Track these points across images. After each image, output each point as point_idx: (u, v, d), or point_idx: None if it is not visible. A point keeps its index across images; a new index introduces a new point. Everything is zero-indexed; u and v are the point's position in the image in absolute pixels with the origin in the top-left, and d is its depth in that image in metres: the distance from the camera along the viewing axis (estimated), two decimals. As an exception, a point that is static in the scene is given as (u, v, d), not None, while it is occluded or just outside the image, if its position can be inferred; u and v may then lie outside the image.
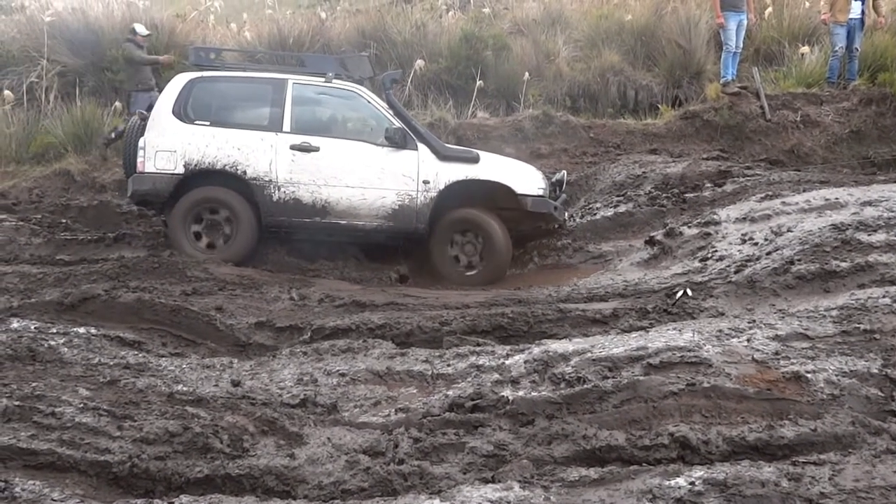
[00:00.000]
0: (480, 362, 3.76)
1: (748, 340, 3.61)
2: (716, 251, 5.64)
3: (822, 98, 9.84)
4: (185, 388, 3.53)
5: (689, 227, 6.39)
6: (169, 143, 6.31)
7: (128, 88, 9.47)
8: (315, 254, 6.41)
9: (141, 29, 9.80)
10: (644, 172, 8.22)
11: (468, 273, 6.41)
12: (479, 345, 4.18)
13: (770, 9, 11.63)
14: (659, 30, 11.32)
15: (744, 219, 6.17)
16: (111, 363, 3.86)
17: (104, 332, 4.30)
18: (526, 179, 6.50)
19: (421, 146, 6.40)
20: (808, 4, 11.18)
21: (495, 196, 6.42)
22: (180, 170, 6.29)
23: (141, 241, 6.71)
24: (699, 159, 8.63)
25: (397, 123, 6.42)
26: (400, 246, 6.64)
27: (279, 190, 6.31)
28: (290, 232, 6.41)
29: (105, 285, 5.10)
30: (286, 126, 6.40)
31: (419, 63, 10.29)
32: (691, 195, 7.45)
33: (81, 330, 4.29)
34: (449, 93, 10.31)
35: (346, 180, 6.32)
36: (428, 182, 6.34)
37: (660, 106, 10.44)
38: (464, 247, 6.45)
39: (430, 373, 3.76)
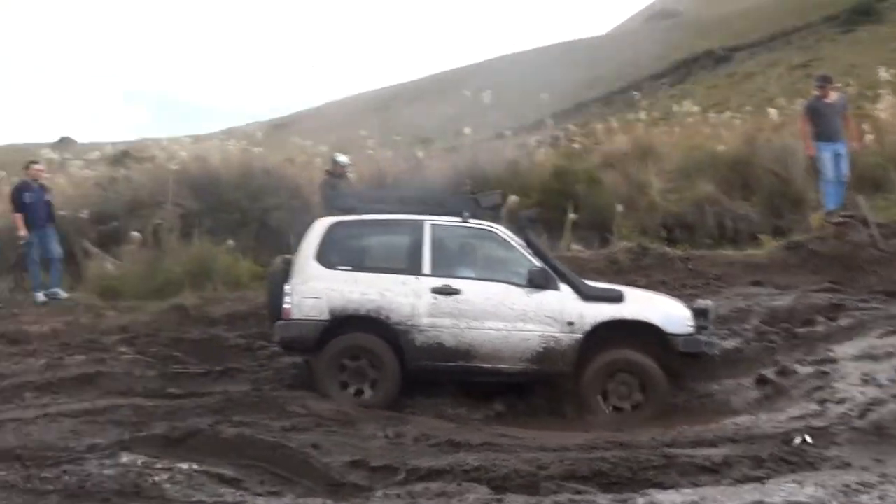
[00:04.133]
0: (581, 513, 3.57)
1: (880, 498, 3.31)
2: (835, 392, 5.28)
3: (938, 224, 9.36)
4: (280, 532, 3.50)
5: (804, 364, 6.04)
6: (314, 290, 6.32)
7: None
8: (410, 390, 6.40)
9: (343, 159, 9.49)
10: (749, 305, 7.87)
11: (633, 412, 6.12)
12: (578, 492, 3.97)
13: (870, 135, 11.42)
14: (754, 159, 11.28)
15: (864, 356, 5.80)
16: (210, 501, 3.91)
17: (206, 469, 4.38)
18: (674, 317, 6.27)
19: (563, 286, 6.30)
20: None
21: (643, 335, 6.21)
22: (326, 316, 6.28)
23: (245, 375, 6.93)
24: (808, 291, 8.20)
25: (538, 263, 6.36)
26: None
27: (422, 334, 6.27)
28: (435, 376, 6.32)
29: (209, 420, 5.25)
30: (426, 268, 6.38)
31: (513, 198, 10.57)
32: (802, 330, 7.03)
33: (184, 466, 4.38)
34: (542, 226, 10.47)
35: (488, 323, 6.24)
36: (573, 323, 6.20)
37: (760, 236, 10.19)
38: (618, 387, 6.19)
39: (527, 523, 3.58)
